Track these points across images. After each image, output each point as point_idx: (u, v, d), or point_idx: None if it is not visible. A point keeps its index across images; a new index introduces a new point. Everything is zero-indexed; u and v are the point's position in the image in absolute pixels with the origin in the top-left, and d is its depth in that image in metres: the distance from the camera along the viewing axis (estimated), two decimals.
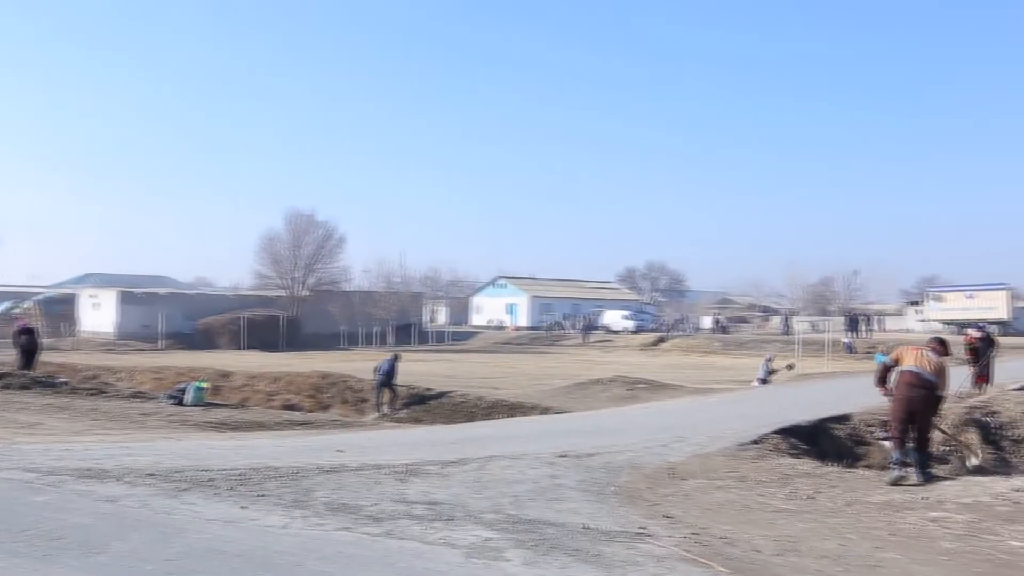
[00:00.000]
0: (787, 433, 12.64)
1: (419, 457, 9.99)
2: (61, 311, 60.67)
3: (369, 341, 60.89)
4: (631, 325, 69.56)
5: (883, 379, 10.30)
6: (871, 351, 39.72)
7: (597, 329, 68.76)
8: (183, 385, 20.25)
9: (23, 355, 22.42)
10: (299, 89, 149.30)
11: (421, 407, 23.31)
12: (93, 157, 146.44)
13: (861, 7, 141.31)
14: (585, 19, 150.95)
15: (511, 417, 20.09)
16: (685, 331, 69.36)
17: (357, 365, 32.42)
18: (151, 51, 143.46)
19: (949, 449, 12.86)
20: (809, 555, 6.13)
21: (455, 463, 9.52)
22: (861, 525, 7.25)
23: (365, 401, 24.26)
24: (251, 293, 71.10)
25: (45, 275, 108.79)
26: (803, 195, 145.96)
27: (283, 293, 66.64)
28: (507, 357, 49.91)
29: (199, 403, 18.93)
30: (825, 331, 46.47)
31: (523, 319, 79.87)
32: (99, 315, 60.00)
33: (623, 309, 76.22)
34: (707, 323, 75.27)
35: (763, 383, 25.93)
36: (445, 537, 6.09)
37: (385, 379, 23.44)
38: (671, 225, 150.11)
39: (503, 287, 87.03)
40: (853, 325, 51.76)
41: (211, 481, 7.92)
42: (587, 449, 10.97)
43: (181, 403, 18.79)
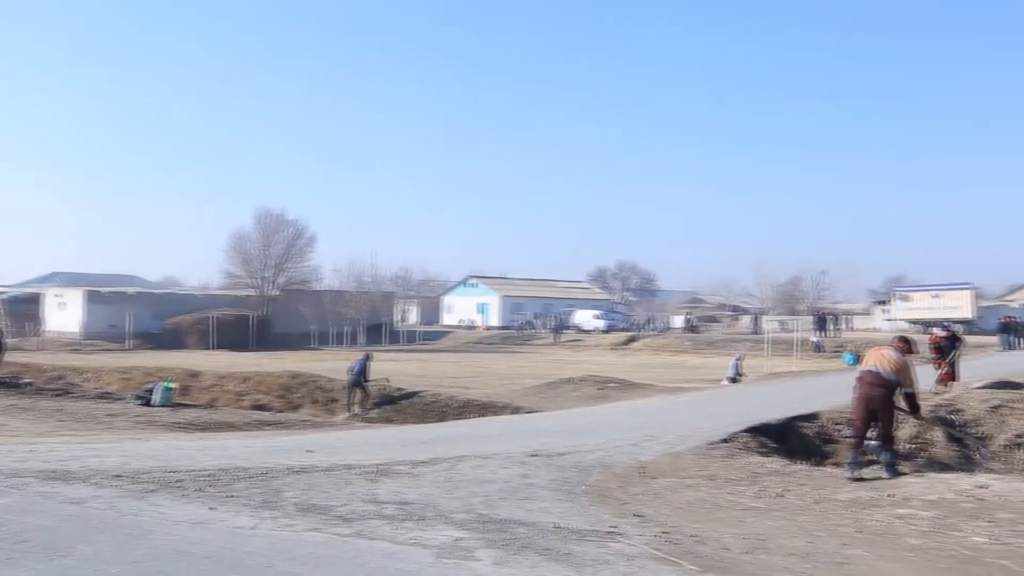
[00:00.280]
0: (756, 432, 12.73)
1: (390, 457, 9.96)
2: (26, 310, 59.78)
3: (340, 341, 60.62)
4: (602, 324, 69.76)
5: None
6: (839, 350, 40.24)
7: (568, 328, 68.86)
8: (151, 385, 20.06)
9: None
10: (269, 89, 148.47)
11: (392, 407, 23.24)
12: (59, 154, 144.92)
13: (826, 8, 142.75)
14: (555, 19, 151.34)
15: (482, 417, 20.08)
16: (656, 330, 69.67)
17: (328, 365, 32.27)
18: (120, 48, 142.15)
19: (916, 447, 13.02)
20: (778, 553, 6.18)
21: (426, 463, 9.50)
22: (829, 522, 7.32)
23: (336, 401, 24.17)
24: (220, 292, 70.51)
25: (9, 274, 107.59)
26: (772, 195, 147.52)
27: (253, 292, 66.15)
28: (478, 357, 49.88)
29: (167, 403, 18.76)
30: (794, 330, 46.87)
31: (494, 319, 79.86)
32: (65, 315, 59.24)
33: (594, 309, 76.41)
34: (677, 322, 75.64)
35: (733, 382, 26.13)
36: (416, 537, 6.07)
37: (356, 379, 23.35)
38: (642, 225, 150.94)
39: (474, 287, 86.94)
40: (821, 324, 52.19)
41: (179, 482, 7.84)
42: (558, 448, 10.99)
43: (149, 404, 18.62)
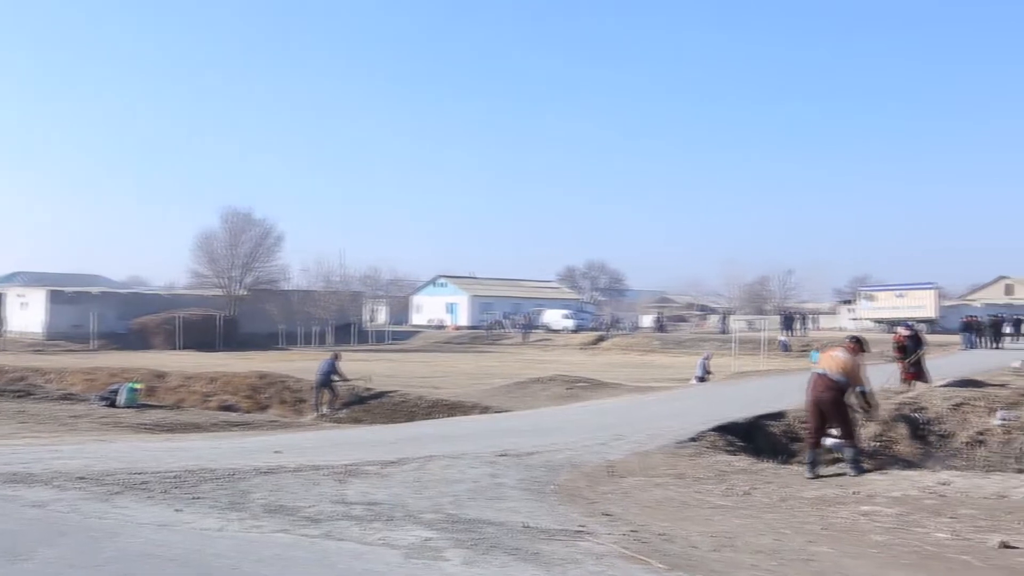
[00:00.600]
0: (724, 431, 12.83)
1: (358, 457, 9.92)
2: None
3: (308, 341, 60.26)
4: (571, 324, 69.93)
5: None
6: (806, 349, 40.60)
7: (537, 328, 68.97)
8: (116, 386, 19.79)
9: None
10: (235, 88, 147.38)
11: (361, 407, 23.13)
12: (21, 153, 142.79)
13: (795, 8, 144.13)
14: (522, 17, 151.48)
15: (451, 416, 20.03)
16: (624, 330, 69.94)
17: (296, 365, 32.07)
18: (84, 49, 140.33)
19: (881, 444, 13.18)
20: (745, 550, 6.22)
21: (395, 463, 9.47)
22: (795, 520, 7.39)
23: (304, 401, 24.00)
24: (187, 292, 69.93)
25: None
26: (740, 196, 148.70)
27: (220, 292, 65.55)
28: (447, 356, 49.79)
29: (132, 404, 18.53)
30: (761, 330, 47.28)
31: (463, 318, 79.80)
32: (27, 315, 58.41)
33: (563, 308, 76.59)
34: (646, 322, 75.99)
35: (701, 381, 26.27)
36: (384, 538, 6.04)
37: (324, 379, 23.21)
38: (611, 225, 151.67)
39: (443, 286, 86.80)
40: (788, 324, 52.70)
41: (144, 484, 7.75)
42: (527, 448, 11.00)
43: (114, 404, 18.38)
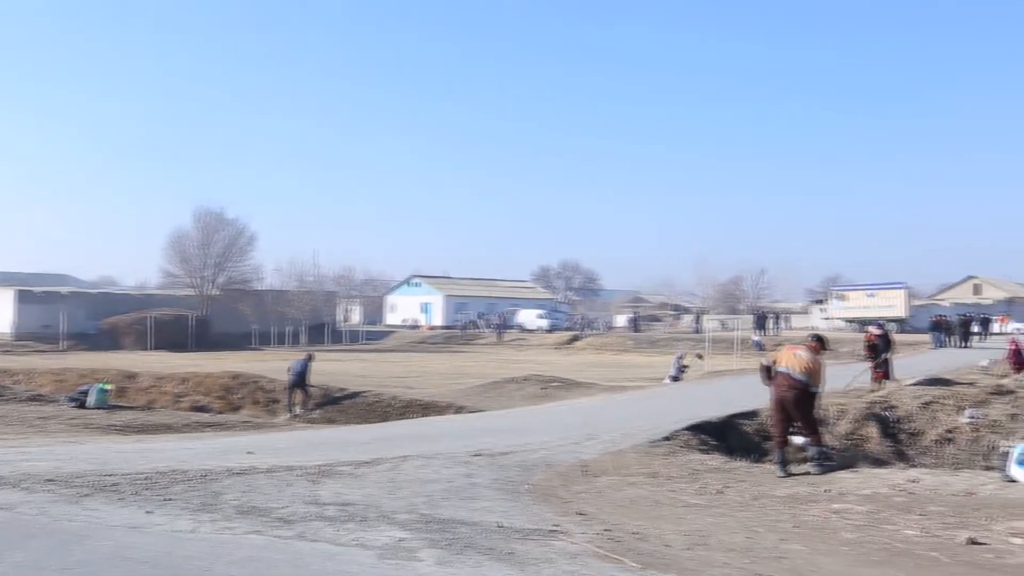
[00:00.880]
0: (697, 429, 12.90)
1: (332, 458, 9.87)
2: None
3: (282, 341, 59.95)
4: (545, 324, 70.01)
5: (768, 377, 10.72)
6: (779, 348, 40.86)
7: (511, 328, 68.99)
8: (86, 387, 19.59)
9: None
10: (205, 87, 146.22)
11: (334, 407, 23.04)
12: None
13: (765, 8, 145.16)
14: (498, 20, 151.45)
15: (425, 417, 20.01)
16: (598, 330, 70.13)
17: (269, 365, 31.86)
18: (54, 48, 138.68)
19: (851, 442, 13.30)
20: (718, 548, 6.26)
21: (368, 463, 9.44)
22: (767, 518, 7.45)
23: (277, 402, 23.87)
24: (158, 292, 69.42)
25: None
26: (713, 196, 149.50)
27: (192, 292, 65.10)
28: (422, 356, 49.71)
29: (103, 405, 18.36)
30: (734, 329, 47.56)
31: (438, 318, 79.66)
32: None
33: (537, 308, 76.65)
34: (620, 321, 76.22)
35: (675, 380, 26.39)
36: (358, 538, 6.02)
37: (297, 379, 23.09)
38: (585, 224, 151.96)
39: (418, 286, 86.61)
40: (761, 323, 53.05)
41: (115, 486, 7.67)
42: (501, 448, 11.01)
43: (83, 406, 18.20)
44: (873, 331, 20.13)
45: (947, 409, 14.50)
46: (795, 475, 9.94)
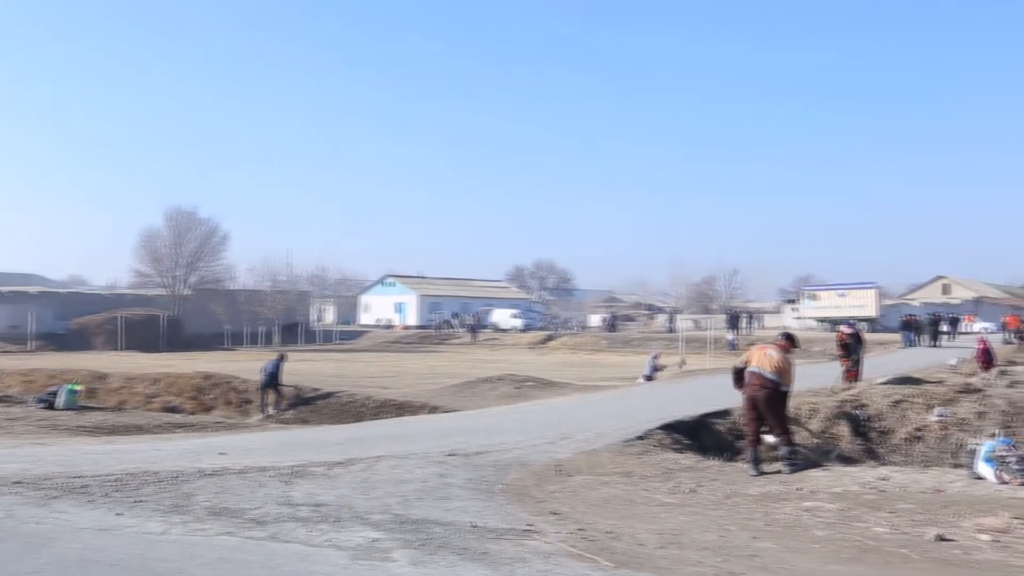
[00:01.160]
0: (670, 429, 12.94)
1: (305, 459, 9.82)
2: None
3: (254, 341, 59.61)
4: (520, 323, 70.11)
5: (739, 380, 10.80)
6: (750, 348, 41.14)
7: (486, 327, 68.98)
8: (55, 388, 19.34)
9: None
10: (177, 85, 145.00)
11: (308, 408, 22.91)
12: None
13: (733, 9, 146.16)
14: (472, 19, 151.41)
15: (399, 416, 19.93)
16: (573, 329, 70.28)
17: (242, 365, 31.64)
18: (20, 45, 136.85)
19: (823, 440, 13.40)
20: (691, 547, 6.29)
21: (342, 464, 9.40)
22: (740, 517, 7.49)
23: (250, 402, 23.69)
24: (129, 292, 68.77)
25: None
26: (687, 196, 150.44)
27: (164, 292, 64.62)
28: (396, 356, 49.59)
29: (72, 406, 18.14)
30: (707, 328, 47.83)
31: (412, 318, 79.51)
32: None
33: (512, 308, 76.70)
34: (594, 321, 76.42)
35: (648, 380, 26.46)
36: (331, 539, 6.00)
37: (269, 380, 22.95)
38: (560, 225, 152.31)
39: (392, 286, 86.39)
40: (734, 323, 53.36)
41: (84, 488, 7.59)
42: (475, 447, 11.00)
43: (52, 407, 17.97)
44: (845, 330, 20.32)
45: (916, 408, 14.63)
46: (767, 474, 10.01)
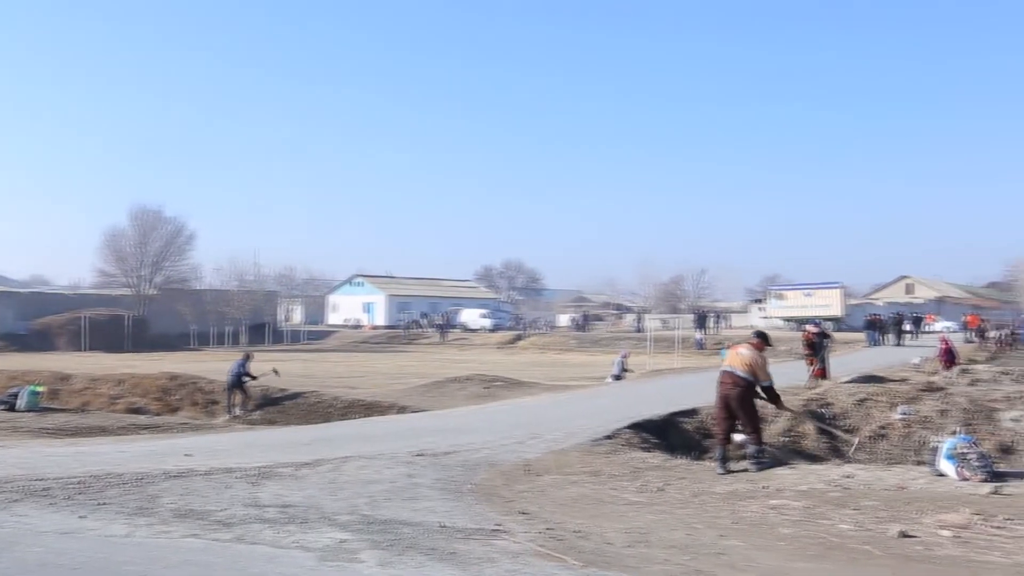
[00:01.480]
0: (639, 428, 13.01)
1: (272, 459, 9.76)
2: None
3: (221, 341, 59.13)
4: (488, 323, 70.09)
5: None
6: (719, 347, 41.49)
7: (455, 327, 68.89)
8: (16, 389, 19.05)
9: None
10: (143, 84, 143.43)
11: (275, 408, 22.74)
12: None
13: (707, 8, 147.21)
14: (441, 19, 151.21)
15: (368, 417, 19.84)
16: (541, 329, 70.37)
17: (208, 366, 31.37)
18: None
19: (789, 439, 13.53)
20: (658, 545, 6.33)
21: (309, 464, 9.35)
22: (707, 515, 7.54)
23: (217, 403, 23.47)
24: (93, 292, 67.91)
25: None
26: (654, 196, 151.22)
27: (128, 292, 63.89)
28: (364, 356, 49.40)
29: (34, 408, 17.90)
30: (675, 328, 48.11)
31: (380, 318, 79.24)
32: None
33: (480, 307, 76.67)
34: (563, 321, 76.58)
35: (617, 379, 26.56)
36: (298, 540, 5.97)
37: (235, 380, 22.77)
38: (528, 224, 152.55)
39: (360, 285, 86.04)
40: (701, 322, 53.69)
41: (46, 491, 7.49)
42: (444, 447, 10.99)
43: (13, 408, 17.72)
44: (811, 329, 20.55)
45: (880, 406, 14.82)
46: (734, 472, 10.08)
